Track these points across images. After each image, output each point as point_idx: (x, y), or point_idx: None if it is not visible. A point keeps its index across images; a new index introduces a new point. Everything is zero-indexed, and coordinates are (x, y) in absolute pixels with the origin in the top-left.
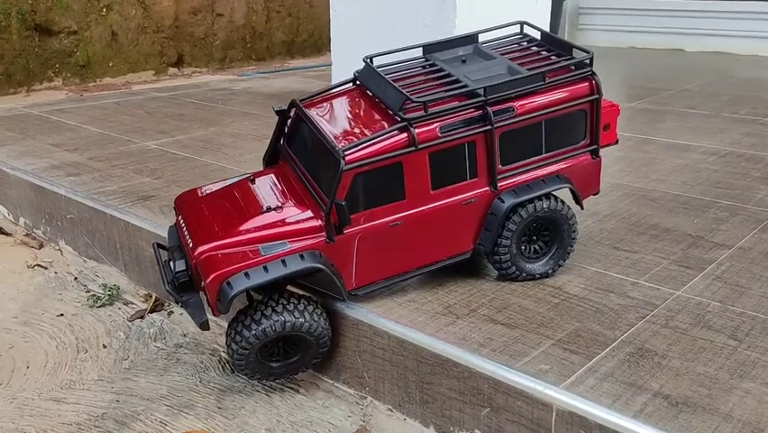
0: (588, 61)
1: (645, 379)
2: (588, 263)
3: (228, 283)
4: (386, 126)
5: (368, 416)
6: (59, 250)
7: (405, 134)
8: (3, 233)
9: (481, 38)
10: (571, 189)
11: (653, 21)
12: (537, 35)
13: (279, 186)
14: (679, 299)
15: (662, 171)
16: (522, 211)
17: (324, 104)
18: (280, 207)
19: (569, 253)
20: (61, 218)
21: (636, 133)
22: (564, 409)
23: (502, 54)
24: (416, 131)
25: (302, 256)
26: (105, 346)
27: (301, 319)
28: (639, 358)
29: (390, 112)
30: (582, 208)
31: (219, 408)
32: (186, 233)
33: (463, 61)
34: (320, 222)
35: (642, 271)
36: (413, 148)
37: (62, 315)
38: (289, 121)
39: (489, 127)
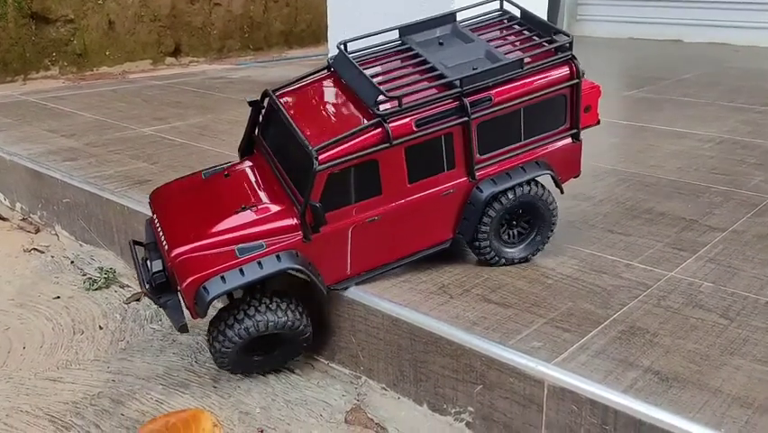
0: (568, 45)
1: (636, 356)
2: (582, 246)
3: (204, 288)
4: (360, 121)
5: (362, 395)
6: (56, 234)
7: (379, 130)
8: None
9: (463, 15)
10: (553, 176)
11: (651, 11)
12: (518, 12)
13: (254, 181)
14: (671, 279)
15: (659, 158)
16: (502, 199)
17: (298, 94)
18: (255, 206)
19: (548, 238)
20: (58, 203)
21: (634, 121)
22: (556, 384)
23: (481, 35)
24: (391, 126)
25: (278, 257)
26: (101, 328)
27: (284, 318)
28: (631, 336)
29: (364, 105)
30: (562, 192)
31: (214, 387)
32: (161, 232)
33: (441, 44)
34: (296, 220)
35: (635, 254)
36: (387, 145)
37: (59, 297)
38: (263, 111)
39: (465, 119)
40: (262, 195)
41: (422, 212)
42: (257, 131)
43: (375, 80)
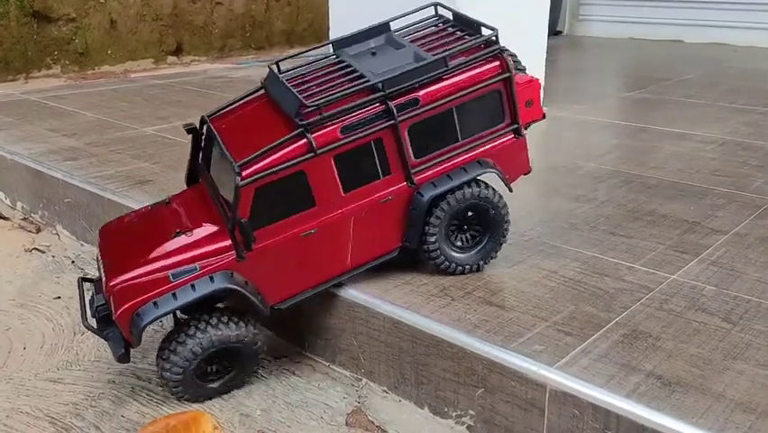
0: (494, 39)
1: (639, 360)
2: (584, 248)
3: (137, 315)
4: (286, 134)
5: (363, 397)
6: (57, 234)
7: (303, 141)
8: (0, 217)
9: (405, 21)
10: (497, 174)
11: (652, 12)
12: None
13: (194, 207)
14: (674, 283)
15: (660, 159)
16: (445, 202)
17: (232, 116)
18: (190, 230)
19: (502, 243)
20: (59, 202)
21: (634, 122)
22: (558, 388)
23: (413, 41)
24: (314, 135)
25: (212, 278)
26: None
27: (227, 332)
28: (633, 340)
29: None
30: (511, 191)
31: None
32: (101, 265)
33: (373, 54)
34: (230, 241)
35: (637, 256)
36: (312, 154)
37: (59, 298)
38: (203, 137)
39: (392, 122)
40: (198, 219)
41: (362, 222)
42: (199, 158)
43: (300, 93)
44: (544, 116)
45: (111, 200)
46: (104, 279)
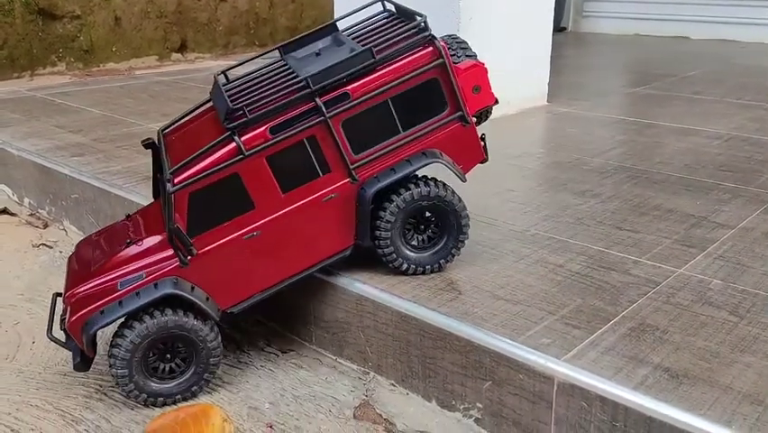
0: (423, 25)
1: (646, 353)
2: (590, 243)
3: (86, 323)
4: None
5: (370, 390)
6: (64, 229)
7: (232, 144)
8: (8, 213)
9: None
10: (445, 164)
11: (658, 8)
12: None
13: (151, 218)
14: (681, 276)
15: (666, 155)
16: (398, 200)
17: (182, 128)
18: (141, 240)
19: (461, 243)
20: (66, 198)
21: (641, 118)
22: (565, 381)
23: (357, 38)
24: (243, 137)
25: (156, 285)
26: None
27: (163, 318)
28: (640, 333)
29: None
30: (464, 181)
31: (224, 382)
32: (68, 279)
33: (317, 54)
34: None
35: (644, 250)
36: (241, 156)
37: None
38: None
39: (321, 118)
40: (151, 229)
41: (307, 221)
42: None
43: (232, 98)
44: (496, 101)
45: (118, 196)
46: (65, 293)
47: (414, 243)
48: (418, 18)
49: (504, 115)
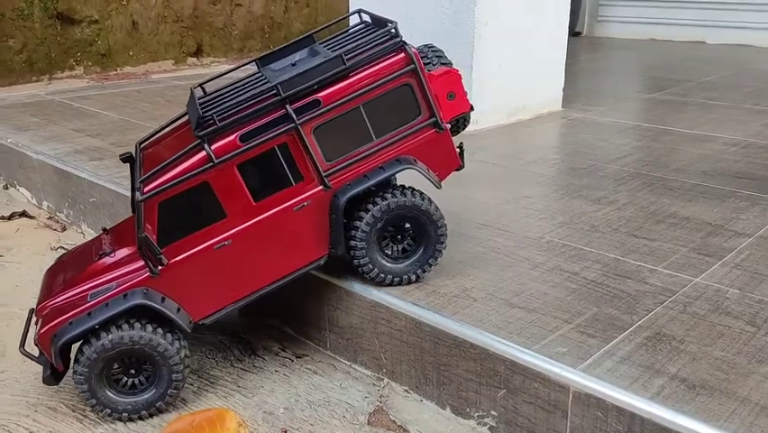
0: (393, 31)
1: (663, 363)
2: (605, 250)
3: (55, 335)
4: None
5: (384, 397)
6: (82, 233)
7: (203, 152)
8: (26, 216)
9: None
10: (419, 171)
11: (673, 12)
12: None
13: (126, 231)
14: (697, 285)
15: (682, 161)
16: (372, 209)
17: (158, 141)
18: (113, 251)
19: (439, 254)
20: (84, 202)
21: (656, 124)
22: (581, 390)
23: (331, 48)
24: (213, 146)
25: (125, 295)
26: None
27: (120, 333)
28: (657, 343)
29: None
30: (439, 188)
31: (238, 386)
32: (40, 292)
33: (293, 65)
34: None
35: (660, 259)
36: (210, 164)
37: None
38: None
39: (292, 125)
40: (124, 241)
41: (280, 230)
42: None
43: (203, 107)
44: (471, 108)
45: None
46: (37, 306)
47: (390, 252)
48: (389, 25)
49: (519, 121)
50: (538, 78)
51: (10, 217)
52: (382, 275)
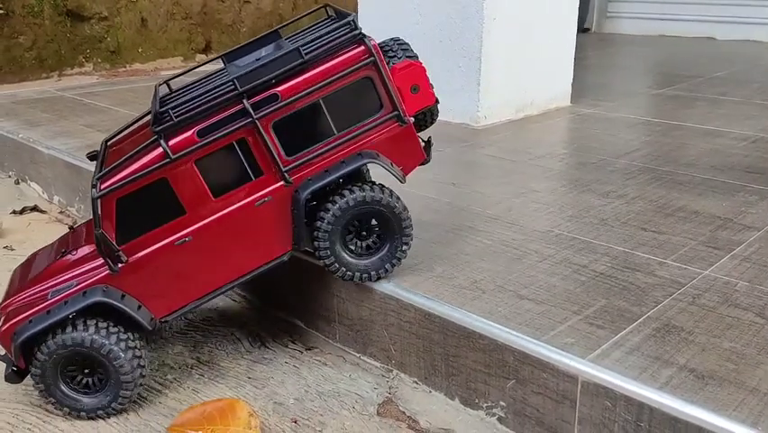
0: (351, 23)
1: (672, 353)
2: (615, 243)
3: (15, 333)
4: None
5: (394, 388)
6: None
7: (160, 149)
8: (38, 210)
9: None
10: (381, 165)
11: (683, 8)
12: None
13: (92, 230)
14: (706, 278)
15: (692, 156)
16: (332, 208)
17: (123, 138)
18: (75, 249)
19: (404, 251)
20: None
21: (666, 119)
22: (590, 380)
23: (296, 42)
24: (170, 142)
25: (84, 293)
26: None
27: (84, 335)
28: (666, 334)
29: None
30: (402, 182)
31: (249, 378)
32: (5, 291)
33: (258, 60)
34: None
35: (669, 252)
36: (168, 160)
37: None
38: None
39: (250, 120)
40: (88, 238)
41: (241, 226)
42: None
43: (162, 103)
44: (437, 101)
45: None
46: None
47: (354, 248)
48: (348, 17)
49: (528, 116)
50: (547, 74)
51: (21, 212)
52: (349, 273)
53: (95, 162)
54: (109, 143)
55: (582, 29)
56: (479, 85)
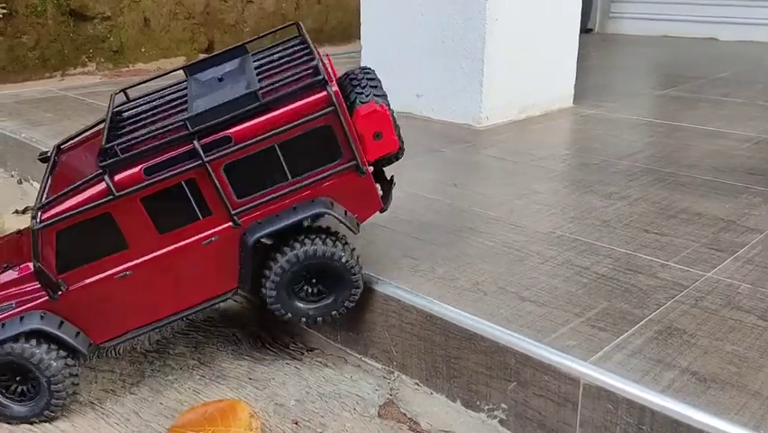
0: (317, 69)
1: (674, 356)
2: (617, 245)
3: None
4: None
5: (395, 390)
6: None
7: (104, 184)
8: None
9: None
10: (333, 215)
11: (686, 9)
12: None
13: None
14: (709, 280)
15: (694, 157)
16: (281, 260)
17: (76, 147)
18: (17, 265)
19: (354, 295)
20: None
21: (669, 120)
22: (592, 383)
23: (262, 66)
24: (116, 177)
25: (21, 318)
26: None
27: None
28: (668, 336)
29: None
30: (355, 233)
31: (250, 378)
32: None
33: (220, 80)
34: None
35: (671, 254)
36: (111, 198)
37: None
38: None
39: (200, 162)
40: (29, 254)
41: (185, 263)
42: None
43: (113, 129)
44: (400, 149)
45: None
46: None
47: (303, 295)
48: (315, 59)
49: (530, 117)
50: (549, 75)
51: (24, 211)
52: (295, 317)
53: (45, 165)
54: (62, 148)
55: (585, 29)
56: (481, 85)
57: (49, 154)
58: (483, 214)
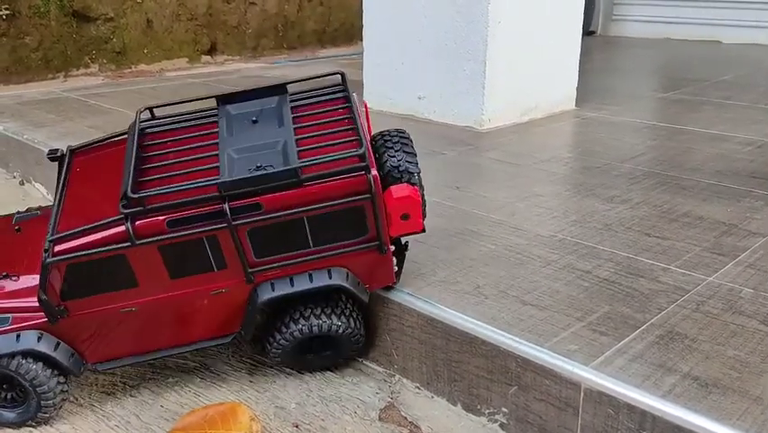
0: (362, 155)
1: (675, 361)
2: (618, 249)
3: None
4: (115, 210)
5: (396, 393)
6: None
7: (123, 228)
8: None
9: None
10: (345, 288)
11: (689, 12)
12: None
13: (38, 242)
14: (710, 284)
15: (697, 161)
16: (294, 328)
17: (92, 157)
18: (17, 276)
19: (352, 352)
20: None
21: (671, 123)
22: (593, 388)
23: (300, 116)
24: (138, 223)
25: (18, 337)
26: None
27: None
28: (669, 341)
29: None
30: (365, 303)
31: (251, 381)
32: None
33: (254, 121)
34: None
35: (673, 258)
36: (129, 244)
37: None
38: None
39: (225, 225)
40: (32, 263)
41: (190, 307)
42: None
43: (137, 169)
44: (423, 230)
45: None
46: None
47: (307, 354)
48: (363, 144)
49: (532, 120)
50: (552, 77)
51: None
52: (299, 368)
53: (54, 165)
54: (76, 152)
55: (588, 32)
56: (483, 88)
57: (59, 154)
58: (485, 217)
